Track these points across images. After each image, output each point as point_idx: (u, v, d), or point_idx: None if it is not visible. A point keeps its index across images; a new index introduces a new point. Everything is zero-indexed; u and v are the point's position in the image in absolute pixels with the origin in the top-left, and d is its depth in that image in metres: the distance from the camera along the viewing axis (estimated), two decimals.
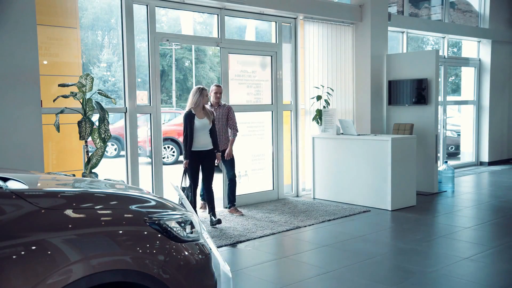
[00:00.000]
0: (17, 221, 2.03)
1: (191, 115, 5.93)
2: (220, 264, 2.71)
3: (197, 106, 5.92)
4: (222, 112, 6.53)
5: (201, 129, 5.95)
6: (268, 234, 5.66)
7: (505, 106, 11.72)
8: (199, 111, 5.95)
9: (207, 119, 5.98)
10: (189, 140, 5.93)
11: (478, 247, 5.17)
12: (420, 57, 8.23)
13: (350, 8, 8.40)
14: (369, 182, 7.03)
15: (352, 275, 4.33)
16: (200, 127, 5.94)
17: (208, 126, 5.99)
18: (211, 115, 6.06)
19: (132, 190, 2.91)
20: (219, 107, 6.53)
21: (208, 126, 6.00)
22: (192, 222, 2.52)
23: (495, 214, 6.64)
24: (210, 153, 6.07)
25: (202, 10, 6.90)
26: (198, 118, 5.94)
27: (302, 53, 7.96)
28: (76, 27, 6.13)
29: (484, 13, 11.26)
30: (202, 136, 5.97)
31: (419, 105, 8.13)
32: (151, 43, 6.26)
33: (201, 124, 5.94)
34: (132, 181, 6.11)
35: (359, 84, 8.56)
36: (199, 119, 5.94)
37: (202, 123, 5.94)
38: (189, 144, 5.94)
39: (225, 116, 6.53)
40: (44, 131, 5.29)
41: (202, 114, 5.97)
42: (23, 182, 2.41)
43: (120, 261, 2.15)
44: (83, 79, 5.07)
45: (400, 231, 5.88)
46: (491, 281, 4.24)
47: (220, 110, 6.52)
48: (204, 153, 6.01)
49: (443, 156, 10.24)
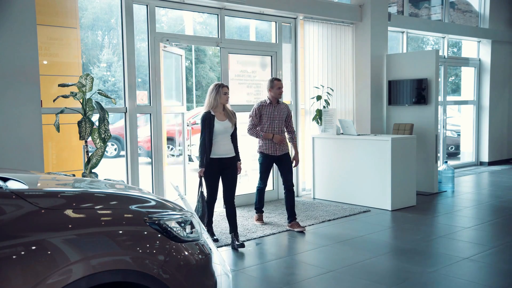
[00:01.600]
0: (17, 221, 2.03)
1: (209, 117, 5.20)
2: (220, 264, 2.71)
3: (216, 107, 5.22)
4: (282, 110, 5.92)
5: (221, 132, 5.20)
6: (268, 234, 5.66)
7: (505, 106, 11.72)
8: (219, 112, 5.23)
9: (229, 122, 5.24)
10: (207, 145, 5.17)
11: (478, 247, 5.17)
12: (420, 57, 8.23)
13: (350, 8, 8.40)
14: (369, 182, 7.03)
15: (352, 275, 4.33)
16: (221, 130, 5.20)
17: (230, 129, 5.26)
18: (233, 117, 5.31)
19: (132, 190, 2.91)
20: (279, 104, 5.91)
21: (230, 129, 5.26)
22: (192, 222, 2.52)
23: (495, 214, 6.64)
24: (232, 162, 5.30)
25: (202, 10, 6.90)
26: (219, 120, 5.20)
27: (302, 53, 7.96)
28: (76, 27, 6.13)
29: (484, 13, 11.26)
30: (223, 141, 5.23)
31: (419, 105, 8.13)
32: (151, 43, 6.26)
33: (222, 127, 5.20)
34: (132, 181, 6.11)
35: (359, 84, 8.56)
36: (219, 121, 5.20)
37: (223, 126, 5.20)
38: (207, 150, 5.19)
39: (284, 116, 5.93)
40: (44, 131, 5.29)
41: (223, 116, 5.24)
42: (23, 182, 2.41)
43: (120, 261, 2.15)
44: (83, 79, 5.07)
45: (400, 231, 5.88)
46: (491, 281, 4.24)
47: (279, 108, 5.90)
48: (225, 161, 5.25)
49: (443, 156, 10.24)
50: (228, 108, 5.32)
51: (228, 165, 5.27)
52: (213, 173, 5.23)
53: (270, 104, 5.88)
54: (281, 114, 5.90)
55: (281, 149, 5.89)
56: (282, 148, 5.89)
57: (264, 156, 5.92)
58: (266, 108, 5.87)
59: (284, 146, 5.92)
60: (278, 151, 5.88)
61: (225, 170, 5.27)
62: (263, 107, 5.88)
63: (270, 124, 5.86)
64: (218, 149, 5.21)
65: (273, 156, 5.90)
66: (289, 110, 6.05)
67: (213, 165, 5.21)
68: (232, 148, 5.31)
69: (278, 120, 5.88)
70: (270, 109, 5.87)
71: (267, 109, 5.87)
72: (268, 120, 5.86)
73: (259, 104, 5.91)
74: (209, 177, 5.24)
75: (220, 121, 5.21)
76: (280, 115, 5.89)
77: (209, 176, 5.23)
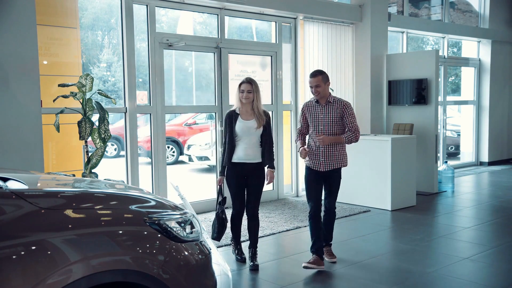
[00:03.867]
0: (17, 221, 2.03)
1: (231, 116, 4.60)
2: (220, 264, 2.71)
3: (242, 105, 4.57)
4: (330, 111, 4.56)
5: (244, 133, 4.51)
6: (268, 234, 5.66)
7: (505, 106, 11.72)
8: (245, 111, 4.56)
9: (254, 121, 4.52)
10: (228, 147, 4.55)
11: (478, 247, 5.17)
12: (420, 57, 8.23)
13: (350, 8, 8.40)
14: (369, 182, 7.03)
15: (352, 275, 4.33)
16: (243, 130, 4.51)
17: (254, 130, 4.51)
18: (264, 116, 4.55)
19: (132, 190, 2.91)
20: (328, 104, 4.58)
21: (255, 131, 4.51)
22: (192, 222, 2.52)
23: (495, 214, 6.63)
24: (258, 168, 4.56)
25: (202, 10, 6.90)
26: (242, 119, 4.55)
27: (302, 53, 7.96)
28: (76, 27, 6.13)
29: (484, 13, 11.26)
30: (245, 143, 4.52)
31: (419, 105, 8.13)
32: (151, 43, 6.26)
33: (244, 127, 4.51)
34: (132, 181, 6.11)
35: (359, 84, 8.56)
36: (243, 120, 4.55)
37: (246, 125, 4.52)
38: (227, 154, 4.55)
39: (335, 117, 4.54)
40: (44, 131, 5.29)
41: (249, 115, 4.55)
42: (23, 182, 2.41)
43: (120, 261, 2.15)
44: (83, 79, 5.07)
45: (400, 231, 5.88)
46: (491, 281, 4.24)
47: (328, 108, 4.57)
48: (248, 167, 4.54)
49: (443, 156, 10.24)
50: (259, 107, 4.56)
51: (251, 172, 4.54)
52: (234, 180, 4.55)
53: (317, 104, 4.66)
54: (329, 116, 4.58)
55: (326, 162, 4.57)
56: (327, 162, 4.57)
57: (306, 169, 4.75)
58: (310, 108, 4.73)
59: (331, 159, 4.58)
60: (324, 165, 4.58)
61: (249, 177, 4.56)
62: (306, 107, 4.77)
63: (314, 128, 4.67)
64: (239, 152, 4.53)
65: (317, 171, 4.62)
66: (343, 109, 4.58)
67: (234, 171, 4.55)
68: (258, 152, 4.55)
69: (324, 122, 4.58)
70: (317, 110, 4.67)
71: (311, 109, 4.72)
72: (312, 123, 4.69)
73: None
74: (230, 185, 4.59)
75: (244, 120, 4.54)
76: (327, 117, 4.58)
77: (230, 184, 4.59)
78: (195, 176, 10.35)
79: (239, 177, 4.55)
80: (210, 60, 7.15)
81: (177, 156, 11.67)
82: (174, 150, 11.83)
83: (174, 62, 8.42)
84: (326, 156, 4.56)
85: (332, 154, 4.57)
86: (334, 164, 4.58)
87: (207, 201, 6.87)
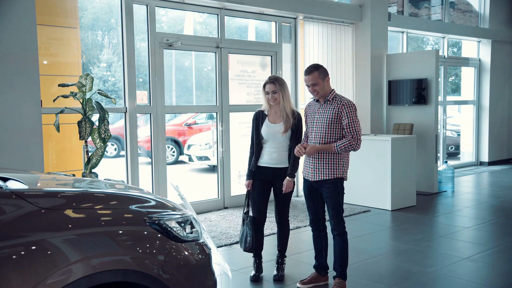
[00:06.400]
0: (17, 221, 2.03)
1: (258, 116, 4.31)
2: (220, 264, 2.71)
3: (271, 107, 4.26)
4: (326, 111, 3.99)
5: (269, 137, 4.22)
6: (268, 234, 5.66)
7: (505, 106, 11.72)
8: (273, 113, 4.26)
9: (281, 125, 4.19)
10: (255, 149, 4.28)
11: (478, 247, 5.17)
12: (420, 57, 8.23)
13: (350, 8, 8.40)
14: (369, 182, 7.03)
15: (352, 275, 4.33)
16: (268, 134, 4.22)
17: (278, 134, 4.18)
18: (291, 119, 4.18)
19: (132, 190, 2.91)
20: (326, 103, 4.02)
21: (280, 135, 4.18)
22: (192, 222, 2.52)
23: (495, 214, 6.63)
24: (284, 174, 4.23)
25: (202, 10, 6.90)
26: (269, 122, 4.25)
27: (302, 53, 7.96)
28: (76, 27, 6.13)
29: (484, 13, 11.26)
30: (271, 146, 4.23)
31: (419, 105, 8.13)
32: (151, 43, 6.26)
33: (269, 131, 4.21)
34: (132, 181, 6.11)
35: (359, 84, 8.56)
36: (270, 123, 4.25)
37: (271, 129, 4.21)
38: (255, 156, 4.28)
39: (329, 118, 3.94)
40: (44, 131, 5.29)
41: (277, 117, 4.23)
42: (23, 182, 2.41)
43: (120, 261, 2.15)
44: (83, 79, 5.07)
45: (400, 231, 5.88)
46: (491, 281, 4.24)
47: (324, 108, 4.02)
48: (273, 172, 4.24)
49: (443, 156, 10.24)
50: (286, 108, 4.20)
51: (277, 178, 4.23)
52: (257, 185, 4.28)
53: (317, 102, 4.14)
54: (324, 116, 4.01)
55: (315, 171, 3.98)
56: (315, 171, 3.98)
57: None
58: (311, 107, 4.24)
59: (319, 168, 3.96)
60: (312, 174, 4.03)
61: (275, 183, 4.27)
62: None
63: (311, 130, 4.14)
64: (265, 156, 4.26)
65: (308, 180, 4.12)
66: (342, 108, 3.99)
67: (258, 175, 4.28)
68: (284, 157, 4.23)
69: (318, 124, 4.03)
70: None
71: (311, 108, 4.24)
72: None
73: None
74: (253, 189, 4.31)
75: (271, 123, 4.24)
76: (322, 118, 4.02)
77: (253, 188, 4.31)
78: (195, 176, 10.35)
79: (263, 181, 4.28)
80: (210, 60, 7.15)
81: (177, 156, 11.67)
82: (174, 150, 11.83)
83: (174, 62, 8.42)
84: (315, 164, 3.96)
85: (321, 162, 3.94)
86: (323, 174, 3.93)
87: (207, 201, 6.87)
